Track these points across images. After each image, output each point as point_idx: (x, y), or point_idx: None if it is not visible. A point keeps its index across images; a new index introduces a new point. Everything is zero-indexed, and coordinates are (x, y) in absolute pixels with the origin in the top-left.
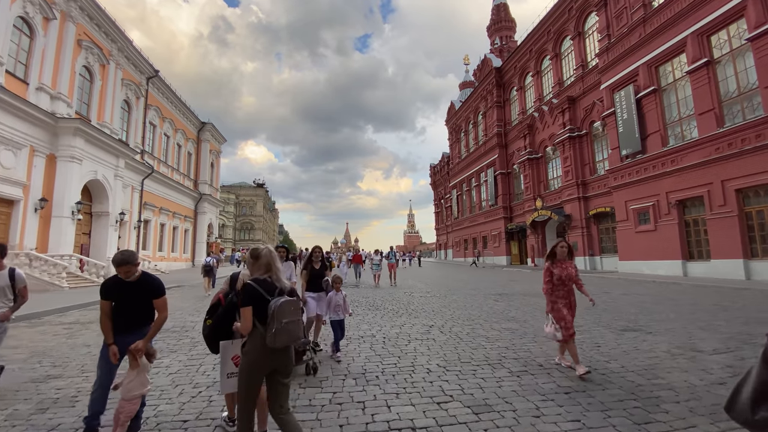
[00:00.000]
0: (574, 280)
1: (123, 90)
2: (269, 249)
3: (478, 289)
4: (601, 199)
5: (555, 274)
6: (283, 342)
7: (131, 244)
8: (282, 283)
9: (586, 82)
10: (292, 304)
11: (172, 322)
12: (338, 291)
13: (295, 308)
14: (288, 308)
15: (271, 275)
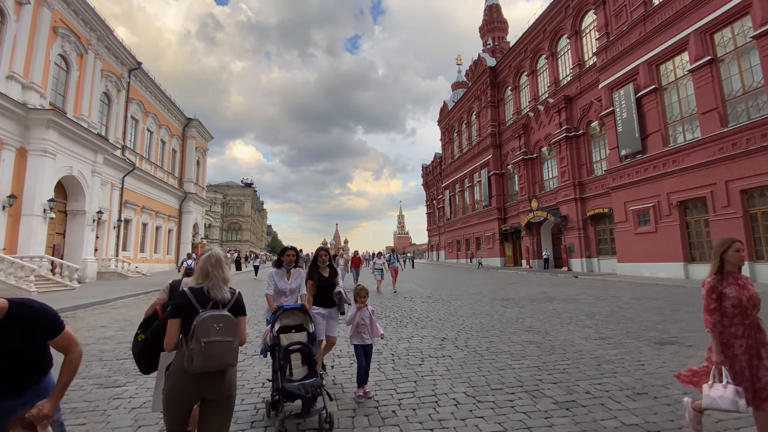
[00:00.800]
0: (758, 305)
1: (102, 82)
2: (213, 253)
3: (481, 294)
4: (599, 200)
5: (729, 296)
6: (199, 366)
7: (110, 244)
8: (219, 294)
9: (583, 81)
10: (221, 320)
11: None
12: (363, 306)
13: (224, 326)
14: (211, 325)
15: (208, 284)
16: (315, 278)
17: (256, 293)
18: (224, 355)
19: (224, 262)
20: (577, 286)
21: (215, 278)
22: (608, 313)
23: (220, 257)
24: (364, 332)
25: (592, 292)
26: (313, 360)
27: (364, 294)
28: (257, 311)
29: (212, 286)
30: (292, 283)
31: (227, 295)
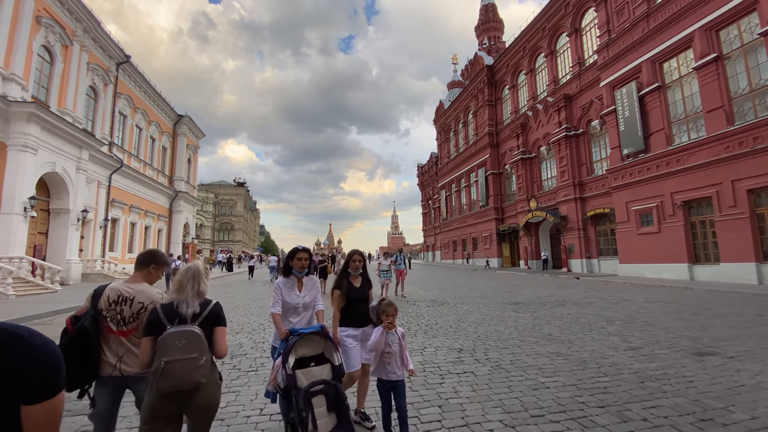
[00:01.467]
0: None
1: (89, 75)
2: (192, 266)
3: (486, 296)
4: (600, 200)
5: None
6: (164, 387)
7: (96, 244)
8: (186, 308)
9: (583, 79)
10: (184, 336)
11: None
12: (391, 326)
13: (188, 342)
14: (172, 343)
15: (179, 297)
16: (344, 288)
17: (250, 296)
18: (189, 374)
19: (203, 275)
20: (583, 288)
21: (187, 291)
22: (627, 318)
23: (199, 270)
24: (391, 363)
25: (601, 295)
26: (343, 404)
27: (393, 311)
28: (252, 317)
29: (182, 300)
30: (305, 296)
31: (196, 309)
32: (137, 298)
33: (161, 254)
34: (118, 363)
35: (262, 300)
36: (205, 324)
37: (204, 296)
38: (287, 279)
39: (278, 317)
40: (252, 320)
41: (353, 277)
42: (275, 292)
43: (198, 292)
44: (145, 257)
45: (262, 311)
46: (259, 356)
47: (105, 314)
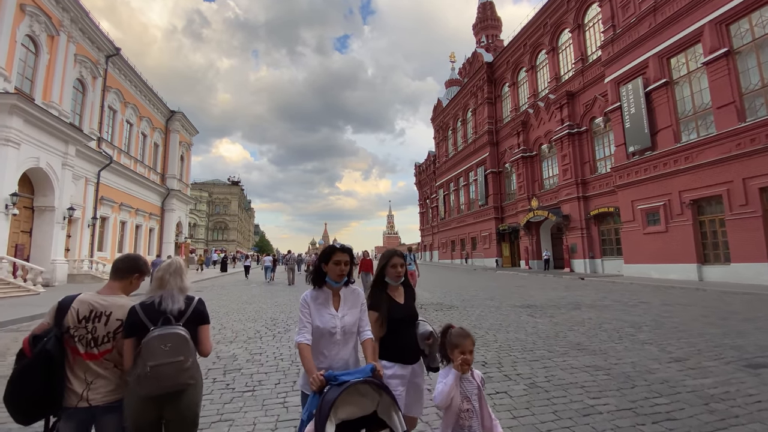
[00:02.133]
0: None
1: (76, 67)
2: (173, 261)
3: (495, 299)
4: (603, 199)
5: None
6: (148, 391)
7: (84, 244)
8: (171, 304)
9: (586, 76)
10: (169, 339)
11: None
12: (467, 368)
13: (174, 345)
14: (158, 346)
15: (162, 293)
16: (384, 308)
17: (245, 298)
18: (175, 377)
19: (184, 271)
20: (592, 290)
21: (170, 286)
22: (654, 323)
23: (181, 265)
24: (471, 426)
25: (614, 297)
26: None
27: (470, 344)
28: (247, 323)
29: (165, 296)
30: (345, 315)
31: (181, 305)
32: (115, 313)
33: (145, 262)
34: (85, 392)
35: (258, 303)
36: (189, 323)
37: (186, 293)
38: (318, 292)
39: (307, 350)
40: (247, 326)
41: (393, 289)
42: (301, 312)
43: (181, 288)
44: (127, 264)
45: (258, 316)
46: (256, 371)
47: (73, 333)
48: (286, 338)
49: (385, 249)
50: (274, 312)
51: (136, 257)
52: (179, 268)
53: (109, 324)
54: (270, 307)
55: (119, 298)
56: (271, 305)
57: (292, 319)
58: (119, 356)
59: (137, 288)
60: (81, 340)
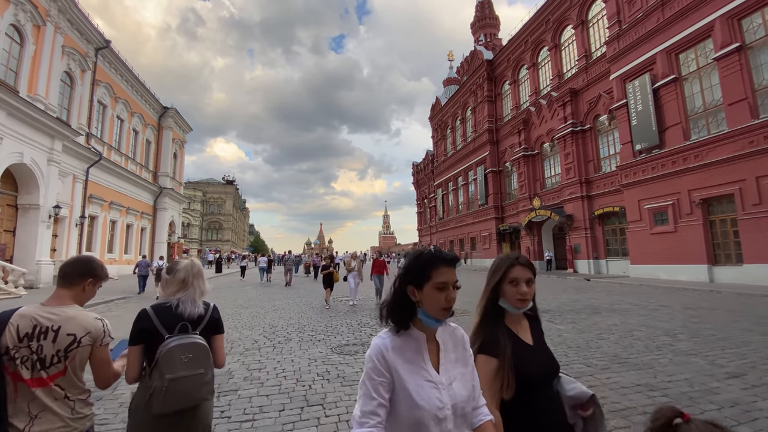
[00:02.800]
0: None
1: (64, 60)
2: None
3: None
4: (608, 198)
5: None
6: (164, 407)
7: (71, 244)
8: (191, 308)
9: (590, 73)
10: (190, 349)
11: None
12: None
13: (194, 356)
14: (178, 357)
15: (183, 295)
16: (507, 353)
17: (240, 302)
18: (195, 391)
19: (203, 272)
20: (604, 292)
21: (193, 289)
22: (687, 330)
23: (201, 267)
24: None
25: (630, 300)
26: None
27: None
28: (243, 330)
29: (185, 300)
30: (455, 380)
31: (201, 310)
32: (65, 327)
33: (101, 265)
34: (27, 427)
35: (254, 307)
36: (206, 330)
37: (205, 296)
38: (401, 339)
39: None
40: (244, 335)
41: (512, 320)
42: (371, 377)
43: (203, 291)
44: (77, 268)
45: (255, 322)
46: (256, 393)
47: (13, 355)
48: (288, 350)
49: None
50: (272, 318)
51: (88, 259)
52: (200, 270)
53: (59, 341)
54: (268, 312)
55: (69, 308)
56: (269, 309)
57: (293, 326)
58: (75, 379)
59: (92, 296)
60: (24, 362)
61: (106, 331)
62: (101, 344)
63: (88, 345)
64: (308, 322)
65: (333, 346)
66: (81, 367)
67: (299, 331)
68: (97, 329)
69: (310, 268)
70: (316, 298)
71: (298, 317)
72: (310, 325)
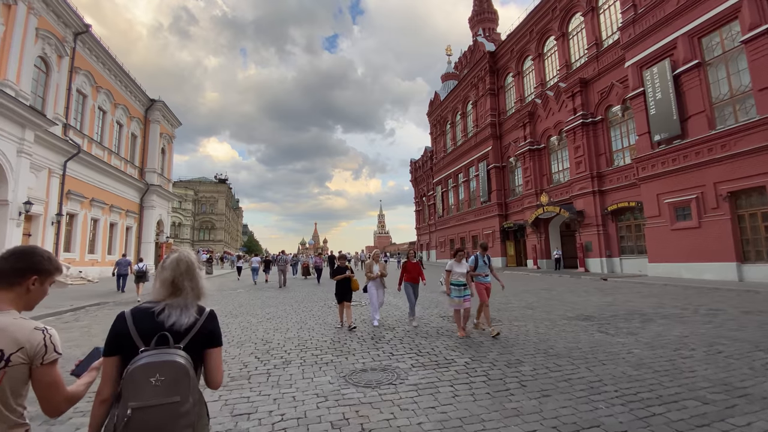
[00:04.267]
0: None
1: (38, 43)
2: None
3: (534, 307)
4: (622, 193)
5: None
6: None
7: (47, 243)
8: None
9: (602, 61)
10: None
11: None
12: None
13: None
14: (145, 379)
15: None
16: None
17: (229, 309)
18: (168, 426)
19: (197, 268)
20: (632, 293)
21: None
22: None
23: (193, 260)
24: None
25: (670, 302)
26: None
27: None
28: (230, 347)
29: (173, 306)
30: None
31: (191, 318)
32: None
33: (49, 257)
34: None
35: (245, 315)
36: (195, 343)
37: (203, 298)
38: None
39: None
40: (230, 355)
41: None
42: None
43: (198, 294)
44: (17, 262)
45: (245, 336)
46: None
47: None
48: (286, 378)
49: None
50: (266, 329)
51: (28, 251)
52: (192, 266)
53: None
54: (261, 322)
55: (5, 315)
56: (262, 318)
57: (292, 341)
58: (3, 410)
59: (42, 296)
60: None
61: (50, 345)
62: (43, 362)
63: (22, 364)
64: (310, 335)
65: (346, 372)
66: (15, 393)
67: (300, 349)
68: (34, 343)
69: (310, 269)
70: (316, 303)
71: (297, 329)
72: (313, 340)
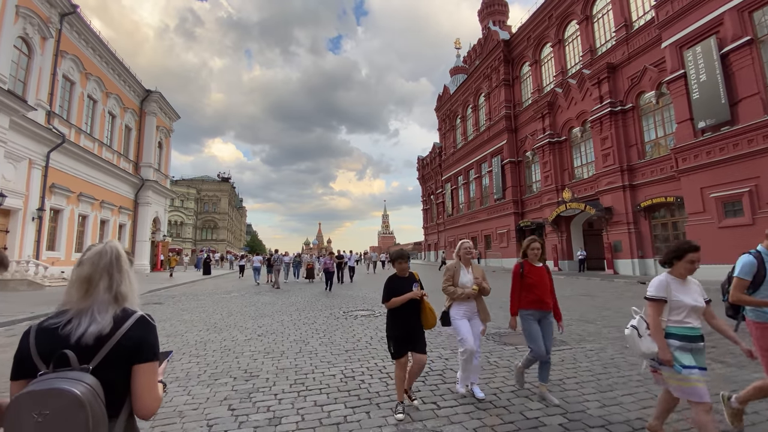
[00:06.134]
0: None
1: (19, 23)
2: (105, 249)
3: (594, 320)
4: (657, 187)
5: None
6: None
7: (27, 241)
8: (83, 326)
9: (632, 44)
10: (48, 401)
11: None
12: None
13: (52, 416)
14: (27, 414)
15: (83, 305)
16: None
17: (216, 318)
18: None
19: (126, 263)
20: None
21: (97, 295)
22: None
23: (120, 254)
24: None
25: None
26: None
27: None
28: (197, 385)
29: (84, 310)
30: None
31: (105, 327)
32: None
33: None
34: None
35: (230, 331)
36: (116, 359)
37: (126, 302)
38: None
39: None
40: (196, 399)
41: None
42: None
43: (118, 295)
44: None
45: (224, 364)
46: None
47: None
48: None
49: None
50: (253, 352)
51: None
52: (115, 260)
53: None
54: (249, 340)
55: None
56: (251, 335)
57: (285, 375)
58: None
59: None
60: None
61: None
62: None
63: None
64: (312, 364)
65: None
66: None
67: (297, 393)
68: None
69: (318, 272)
70: (320, 312)
71: (294, 352)
72: (317, 375)
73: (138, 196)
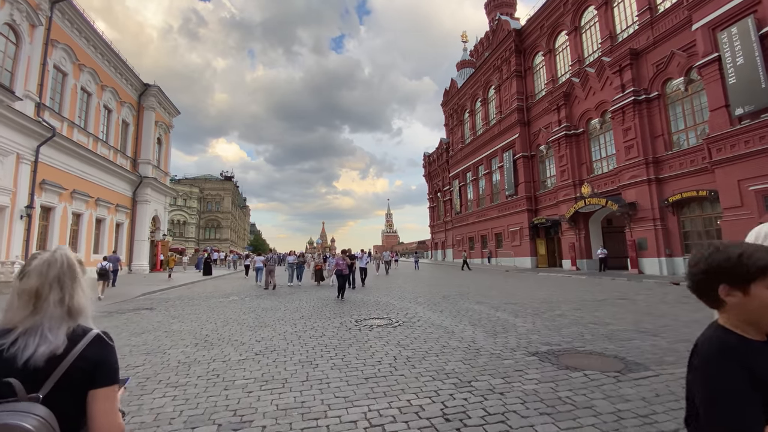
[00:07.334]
0: None
1: (6, 8)
2: (53, 257)
3: (657, 333)
4: (687, 180)
5: None
6: None
7: (15, 239)
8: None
9: (657, 28)
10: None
11: None
12: None
13: None
14: None
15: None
16: None
17: (209, 329)
18: None
19: (79, 273)
20: None
21: (47, 309)
22: None
23: (72, 264)
24: None
25: None
26: None
27: None
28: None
29: (31, 329)
30: None
31: (58, 347)
32: None
33: None
34: None
35: (223, 347)
36: (69, 384)
37: (81, 317)
38: None
39: None
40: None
41: None
42: None
43: (71, 309)
44: None
45: (208, 400)
46: None
47: None
48: None
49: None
50: (248, 381)
51: None
52: (66, 270)
53: None
54: (243, 361)
55: None
56: (247, 352)
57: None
58: None
59: None
60: None
61: None
62: None
63: None
64: (325, 401)
65: None
66: None
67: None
68: None
69: (324, 273)
70: (330, 322)
71: (300, 382)
72: (332, 417)
73: (136, 193)
